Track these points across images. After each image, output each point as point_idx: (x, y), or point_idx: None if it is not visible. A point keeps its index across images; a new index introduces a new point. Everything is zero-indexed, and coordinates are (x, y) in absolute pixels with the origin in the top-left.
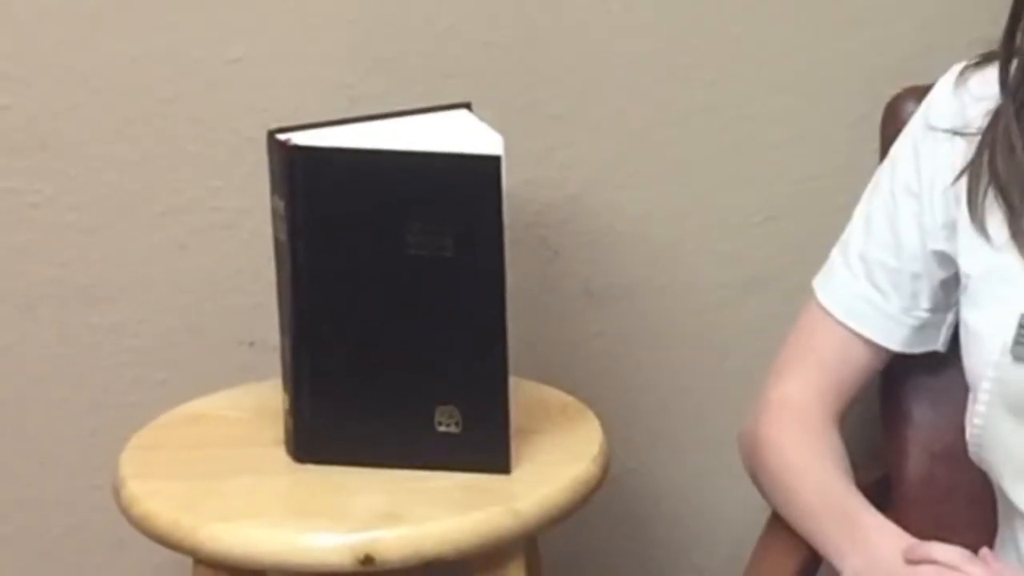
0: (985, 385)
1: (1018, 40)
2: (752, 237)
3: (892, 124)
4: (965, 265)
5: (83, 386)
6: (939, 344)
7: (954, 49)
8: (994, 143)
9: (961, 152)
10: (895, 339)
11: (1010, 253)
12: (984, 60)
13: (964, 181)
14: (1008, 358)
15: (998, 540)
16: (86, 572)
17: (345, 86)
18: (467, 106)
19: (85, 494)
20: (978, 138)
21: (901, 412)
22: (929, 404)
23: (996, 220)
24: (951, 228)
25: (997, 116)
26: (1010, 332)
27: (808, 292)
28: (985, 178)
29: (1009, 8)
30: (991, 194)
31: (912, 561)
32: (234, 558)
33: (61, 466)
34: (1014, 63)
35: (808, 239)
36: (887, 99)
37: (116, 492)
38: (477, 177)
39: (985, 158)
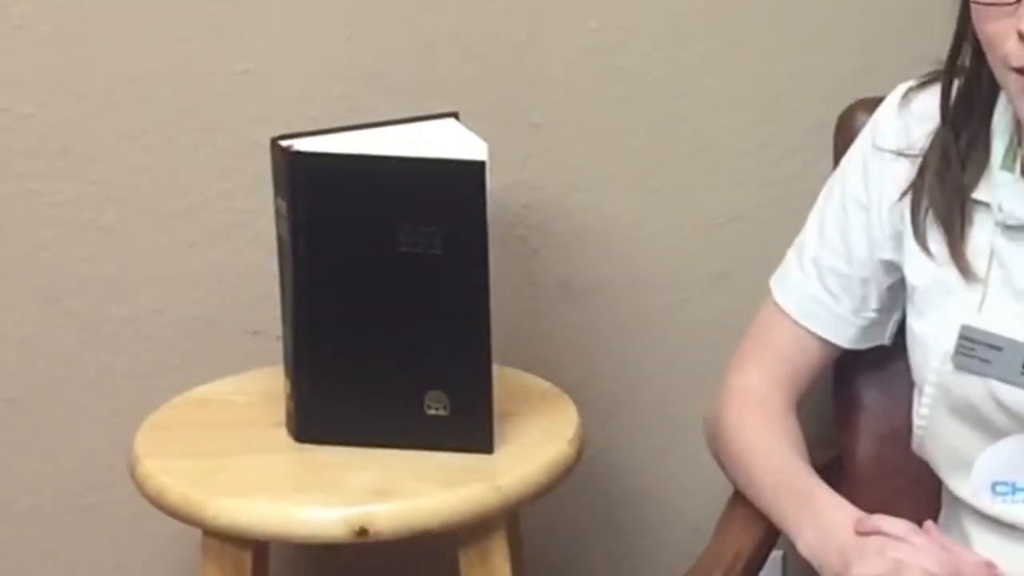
0: (928, 388)
1: (956, 72)
2: (716, 237)
3: (844, 133)
4: (910, 276)
5: (102, 372)
6: (885, 339)
7: (901, 64)
8: (932, 166)
9: (905, 170)
10: (845, 337)
11: (950, 269)
12: (927, 81)
13: (909, 196)
14: (949, 366)
15: (941, 517)
16: (104, 542)
17: (342, 97)
18: (454, 116)
19: (103, 471)
20: (920, 159)
21: (852, 399)
22: (878, 392)
23: (936, 238)
24: (898, 239)
25: (935, 140)
26: (951, 342)
27: (766, 289)
28: (925, 199)
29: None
30: (931, 214)
31: (861, 533)
32: (239, 530)
33: (82, 445)
34: (954, 91)
35: (767, 239)
36: (840, 111)
37: (131, 469)
38: (463, 181)
39: (925, 180)
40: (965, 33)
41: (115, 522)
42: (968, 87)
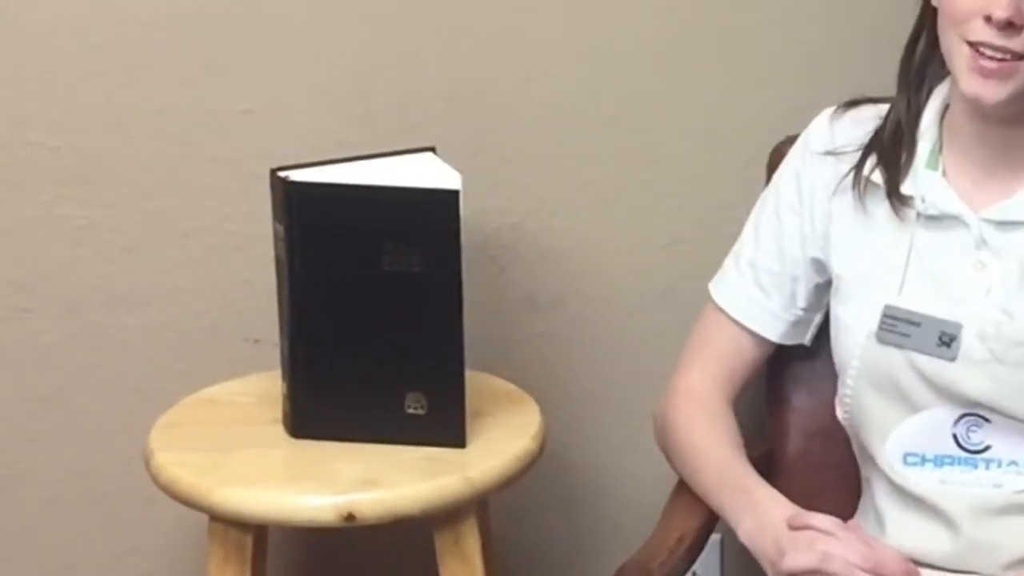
0: (854, 364)
1: (918, 48)
2: (662, 257)
3: (775, 165)
4: (837, 268)
5: (119, 375)
6: (806, 339)
7: (826, 104)
8: (869, 160)
9: (833, 172)
10: (774, 332)
11: (873, 255)
12: (848, 106)
13: (839, 198)
14: (873, 341)
15: (860, 504)
16: (121, 527)
17: (333, 133)
18: (432, 150)
19: (121, 463)
20: (850, 155)
21: (781, 399)
22: (804, 393)
23: (872, 216)
24: (826, 239)
25: (880, 128)
26: (875, 321)
27: (706, 299)
28: (863, 171)
29: (875, 70)
30: (868, 186)
31: (794, 527)
32: (241, 515)
33: (102, 439)
34: (915, 62)
35: (707, 259)
36: (771, 146)
37: (146, 461)
38: (440, 207)
39: (867, 155)
40: (923, 24)
41: (131, 508)
42: (920, 73)
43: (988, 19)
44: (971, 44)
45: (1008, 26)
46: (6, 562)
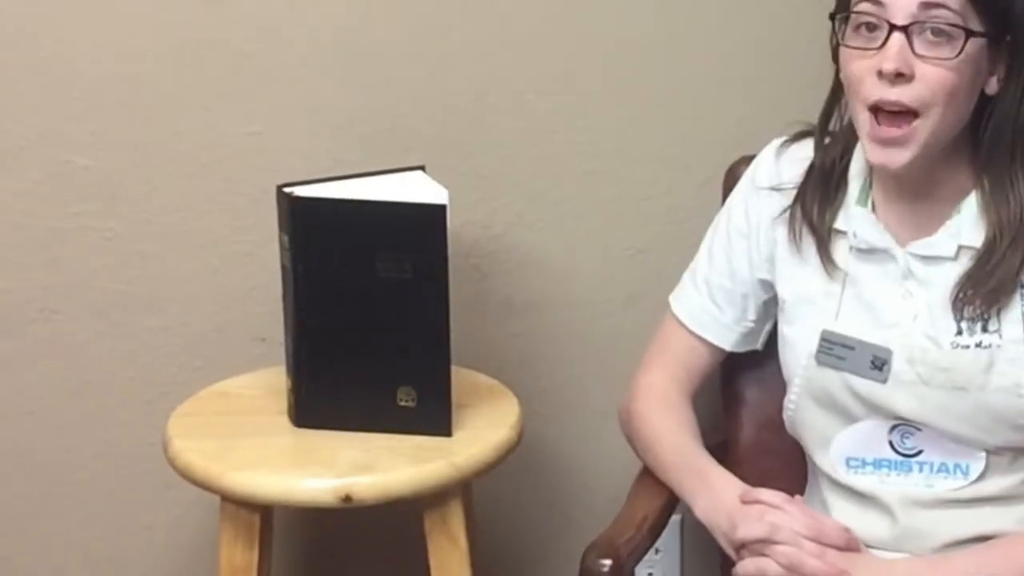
0: (796, 381)
1: (833, 120)
2: (627, 266)
3: (730, 183)
4: (781, 291)
5: (141, 370)
6: (758, 345)
7: (774, 130)
8: (803, 200)
9: (777, 204)
10: (728, 342)
11: (812, 283)
12: (795, 138)
13: (783, 228)
14: (813, 363)
15: (807, 489)
16: (143, 506)
17: (332, 153)
18: (421, 168)
19: (142, 449)
20: (793, 191)
21: (736, 395)
22: (756, 389)
23: (810, 248)
24: (771, 262)
25: (806, 180)
26: (815, 344)
27: (667, 307)
28: (800, 208)
29: (820, 96)
30: (805, 227)
31: (746, 502)
32: (250, 497)
33: (124, 429)
34: (831, 127)
35: (667, 268)
36: (726, 167)
37: (165, 448)
38: (428, 220)
39: (798, 210)
40: (836, 90)
41: (151, 489)
42: (834, 140)
43: (880, 74)
44: (871, 109)
45: (898, 77)
46: (43, 535)
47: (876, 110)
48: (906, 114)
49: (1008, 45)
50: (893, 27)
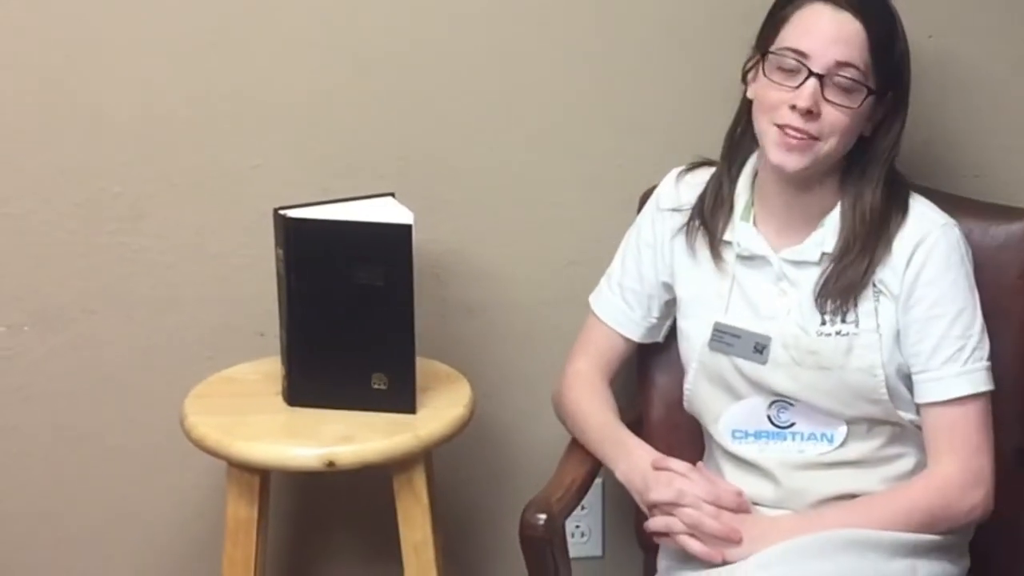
0: (693, 365)
1: (738, 130)
2: (561, 275)
3: (642, 206)
4: (680, 292)
5: (162, 359)
6: (660, 338)
7: (679, 162)
8: (698, 215)
9: (678, 221)
10: (636, 334)
11: (705, 284)
12: (690, 168)
13: (681, 240)
14: (706, 349)
15: (705, 456)
16: (164, 471)
17: (320, 182)
18: (392, 195)
19: (163, 424)
20: (689, 211)
21: (648, 380)
22: (664, 375)
23: (704, 255)
24: (672, 268)
25: (699, 201)
26: (708, 334)
27: (588, 311)
28: (696, 223)
29: (710, 140)
30: (700, 234)
31: (657, 468)
32: (251, 462)
33: (149, 408)
34: (734, 140)
35: (593, 277)
36: (639, 193)
37: (182, 422)
38: (397, 237)
39: (699, 210)
40: (741, 112)
41: (171, 457)
42: (736, 148)
43: (793, 107)
44: (779, 126)
45: (808, 113)
46: (82, 494)
47: (782, 127)
48: (808, 138)
49: (889, 99)
50: (811, 74)
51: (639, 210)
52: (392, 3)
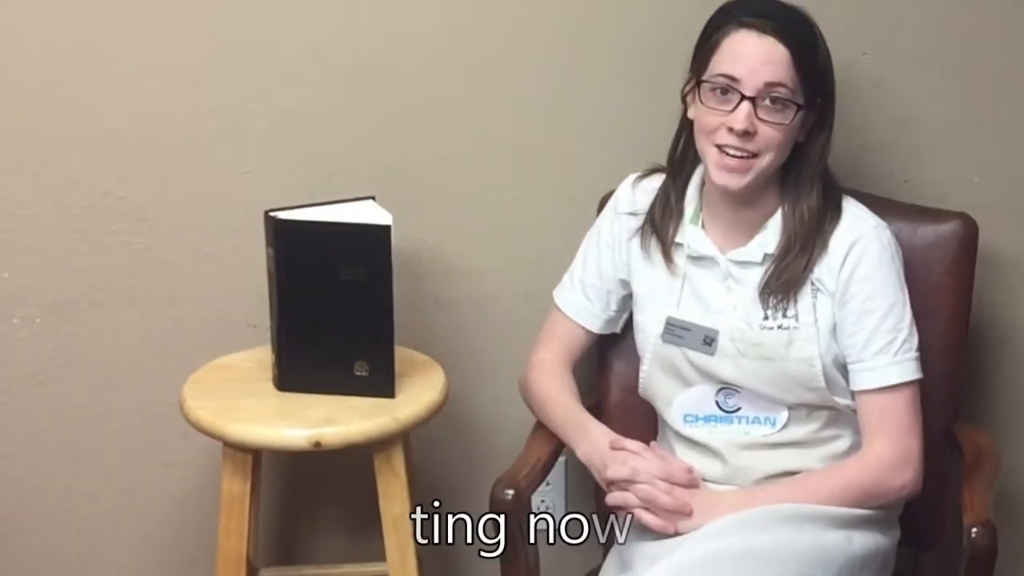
0: (647, 355)
1: (680, 146)
2: (527, 271)
3: (602, 209)
4: (636, 288)
5: (163, 348)
6: (618, 329)
7: (637, 168)
8: (651, 220)
9: (634, 224)
10: (595, 326)
11: (659, 282)
12: (645, 174)
13: (636, 242)
14: (660, 341)
15: (659, 437)
16: (165, 450)
17: (306, 187)
18: (372, 198)
19: (164, 407)
20: (642, 215)
21: (607, 367)
22: (621, 364)
23: (657, 256)
24: (628, 267)
25: (653, 206)
26: (661, 327)
27: (551, 304)
28: (650, 227)
29: (664, 147)
30: (654, 240)
31: (614, 447)
32: (245, 443)
33: (151, 392)
34: (676, 156)
35: (557, 273)
36: (599, 197)
37: (181, 406)
38: (377, 237)
39: (651, 216)
40: (681, 129)
41: (172, 437)
42: (680, 165)
43: (730, 129)
44: (719, 146)
45: (744, 134)
46: (90, 469)
47: (722, 147)
48: (747, 155)
49: (818, 107)
50: (744, 97)
51: (599, 212)
52: (370, 28)
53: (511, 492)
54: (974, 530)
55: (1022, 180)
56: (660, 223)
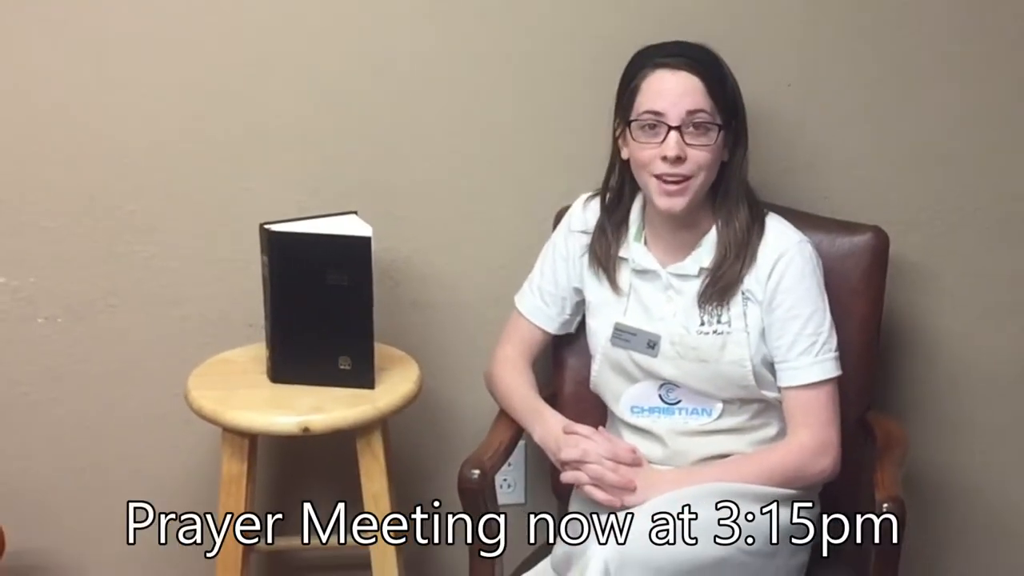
0: (598, 356)
1: (612, 181)
2: (493, 277)
3: (558, 222)
4: (588, 296)
5: (170, 344)
6: (572, 330)
7: (587, 187)
8: (598, 237)
9: (585, 240)
10: (552, 328)
11: (609, 292)
12: (596, 194)
13: (587, 257)
14: (609, 344)
15: (608, 423)
16: (172, 435)
17: (297, 201)
18: (355, 213)
19: (171, 396)
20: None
21: (561, 361)
22: (574, 359)
23: (603, 273)
24: (581, 277)
25: (599, 224)
26: (610, 331)
27: (506, 307)
28: (597, 248)
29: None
30: (598, 262)
31: (567, 432)
32: (242, 429)
33: (159, 384)
34: (608, 196)
35: (519, 279)
36: (556, 211)
37: (186, 397)
38: (359, 247)
39: (592, 248)
40: (615, 165)
41: (178, 424)
42: (619, 195)
43: (664, 158)
44: (656, 176)
45: (677, 159)
46: (102, 453)
47: (659, 176)
48: (682, 179)
49: (734, 127)
50: (670, 128)
51: (555, 225)
52: (353, 59)
53: (477, 472)
54: (885, 504)
55: (929, 197)
56: (600, 253)
